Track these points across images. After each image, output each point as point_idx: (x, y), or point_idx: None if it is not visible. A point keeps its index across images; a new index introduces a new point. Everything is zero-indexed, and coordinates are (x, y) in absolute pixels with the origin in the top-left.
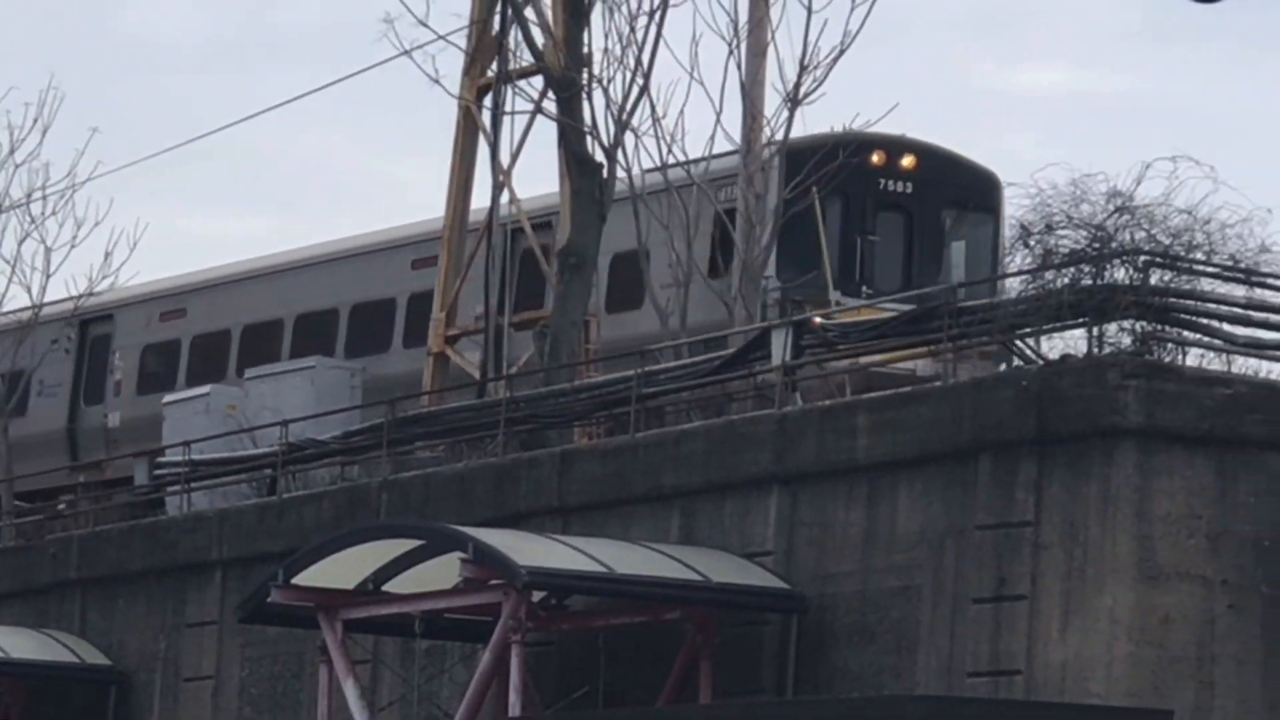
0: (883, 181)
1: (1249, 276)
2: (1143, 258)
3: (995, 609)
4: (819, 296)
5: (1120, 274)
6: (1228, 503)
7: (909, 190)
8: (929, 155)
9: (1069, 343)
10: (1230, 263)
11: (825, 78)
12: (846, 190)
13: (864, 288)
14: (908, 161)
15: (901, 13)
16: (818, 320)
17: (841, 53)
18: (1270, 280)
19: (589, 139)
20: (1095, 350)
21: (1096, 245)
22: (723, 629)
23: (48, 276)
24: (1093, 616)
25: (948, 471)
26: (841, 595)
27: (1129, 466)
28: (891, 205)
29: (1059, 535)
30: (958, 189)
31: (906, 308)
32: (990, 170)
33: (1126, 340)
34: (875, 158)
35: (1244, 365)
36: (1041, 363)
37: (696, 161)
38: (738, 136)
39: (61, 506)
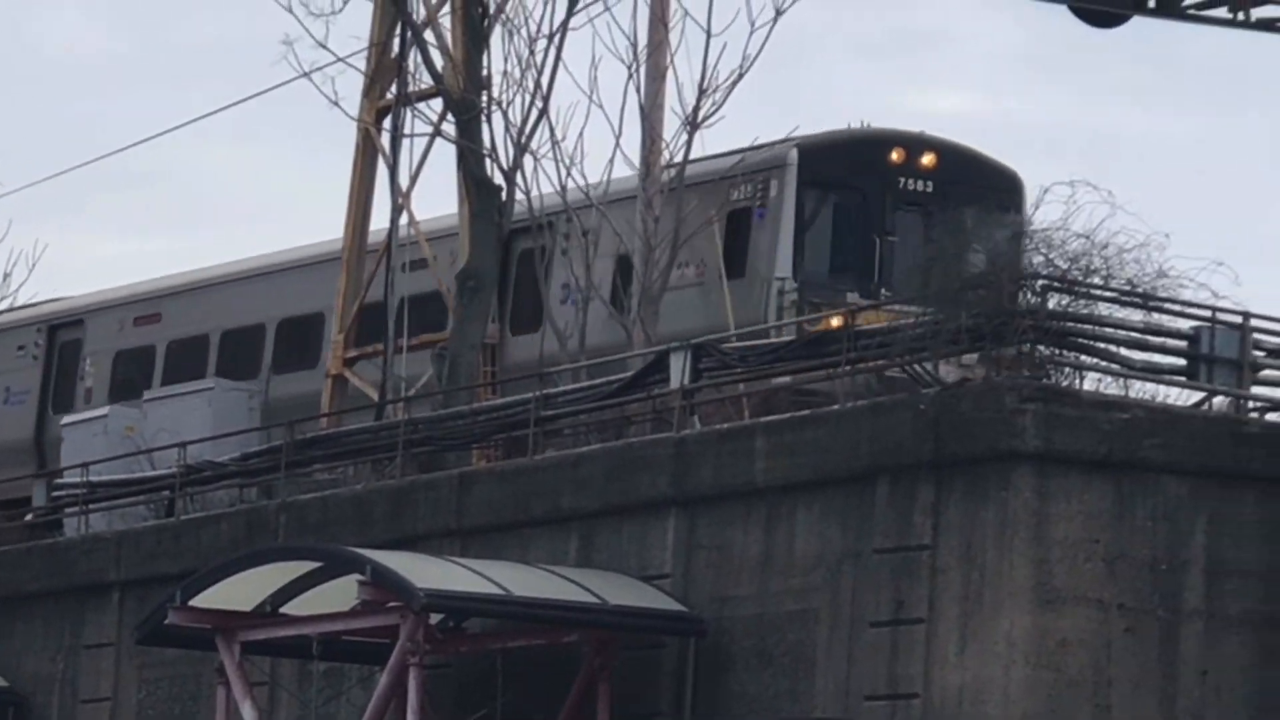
0: (902, 180)
1: (1146, 301)
2: (1040, 282)
3: (893, 632)
4: (838, 299)
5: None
6: (1125, 527)
7: (929, 189)
8: (949, 153)
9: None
10: (1128, 287)
11: (724, 101)
12: (864, 188)
13: (882, 290)
14: (927, 159)
15: (804, 37)
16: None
17: (740, 76)
18: (1167, 305)
19: (488, 161)
20: (993, 374)
21: (994, 270)
22: (620, 652)
23: None
24: (990, 640)
25: (846, 495)
26: (739, 618)
27: (1026, 490)
28: (910, 204)
29: (956, 559)
30: (979, 188)
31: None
32: (1012, 170)
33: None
34: (894, 155)
35: (1142, 390)
36: (939, 386)
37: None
38: (637, 160)
39: None
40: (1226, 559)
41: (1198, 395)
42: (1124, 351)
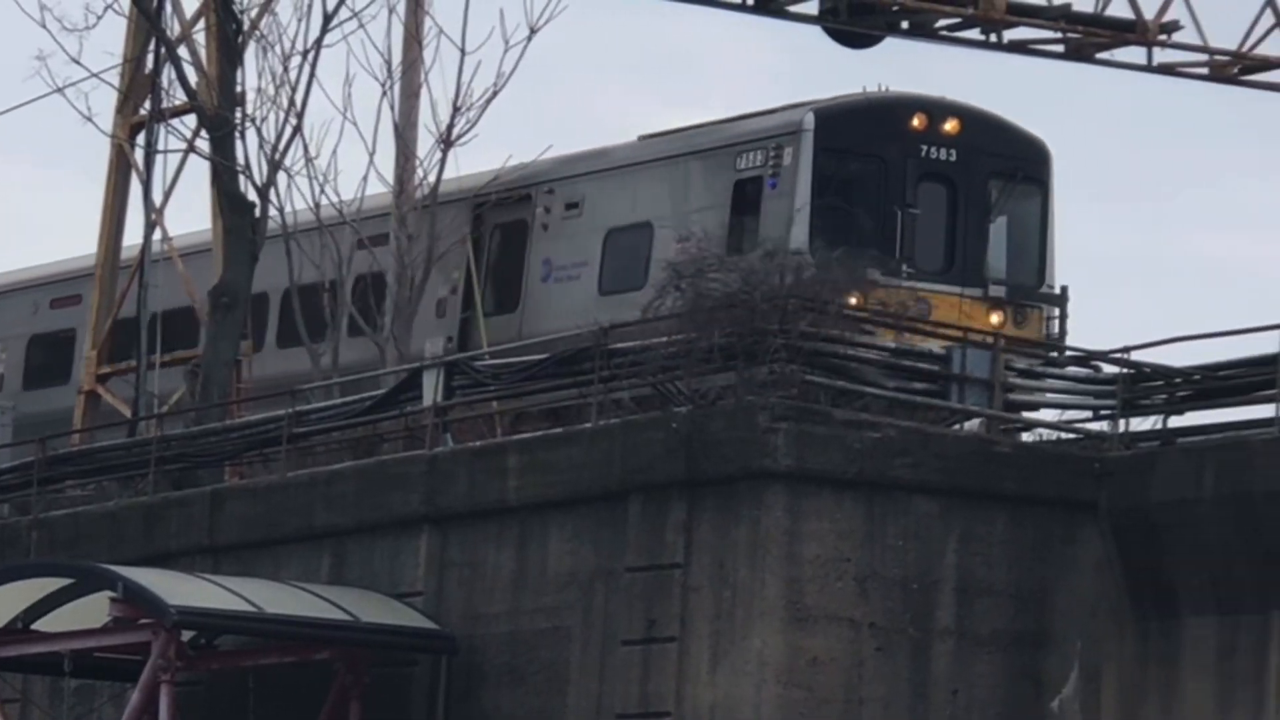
0: (924, 148)
1: (898, 323)
2: (793, 302)
3: (645, 650)
4: (858, 275)
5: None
6: (876, 546)
7: (952, 158)
8: (974, 119)
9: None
10: (880, 309)
11: (479, 119)
12: (884, 156)
13: (904, 266)
14: (950, 125)
15: (560, 55)
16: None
17: (495, 94)
18: (919, 326)
19: (242, 178)
20: (745, 393)
21: (747, 289)
22: (373, 669)
23: None
24: (742, 658)
25: (598, 513)
26: (492, 636)
27: (778, 509)
28: (933, 174)
29: (708, 577)
30: (1005, 158)
31: (950, 290)
32: (1039, 138)
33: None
34: (915, 121)
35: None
36: (691, 405)
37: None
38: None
39: None
40: (977, 578)
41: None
42: (875, 372)
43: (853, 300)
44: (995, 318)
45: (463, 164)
